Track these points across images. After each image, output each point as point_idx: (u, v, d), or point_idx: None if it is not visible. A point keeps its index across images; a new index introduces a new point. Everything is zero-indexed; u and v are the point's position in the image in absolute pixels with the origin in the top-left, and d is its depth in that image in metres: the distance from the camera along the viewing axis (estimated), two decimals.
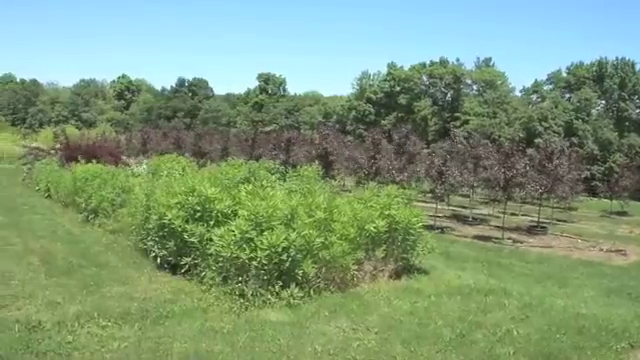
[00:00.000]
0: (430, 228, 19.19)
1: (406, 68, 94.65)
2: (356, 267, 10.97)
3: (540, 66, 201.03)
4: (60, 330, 8.21)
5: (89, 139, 32.42)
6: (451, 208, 29.53)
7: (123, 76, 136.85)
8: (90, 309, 9.12)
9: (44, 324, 8.40)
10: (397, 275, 11.91)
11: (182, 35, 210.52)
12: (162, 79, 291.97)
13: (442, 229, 22.79)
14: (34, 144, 46.48)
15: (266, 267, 9.70)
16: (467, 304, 10.27)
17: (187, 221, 11.19)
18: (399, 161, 27.84)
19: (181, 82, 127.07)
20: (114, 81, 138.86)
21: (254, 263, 9.66)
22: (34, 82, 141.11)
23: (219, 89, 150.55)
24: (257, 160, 24.32)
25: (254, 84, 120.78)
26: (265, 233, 9.78)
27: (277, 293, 9.74)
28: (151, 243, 12.16)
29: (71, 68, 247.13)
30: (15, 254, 13.12)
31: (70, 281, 10.90)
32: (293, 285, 9.86)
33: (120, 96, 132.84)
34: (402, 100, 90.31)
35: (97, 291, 10.28)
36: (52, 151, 33.35)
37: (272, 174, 15.61)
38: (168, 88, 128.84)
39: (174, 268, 11.59)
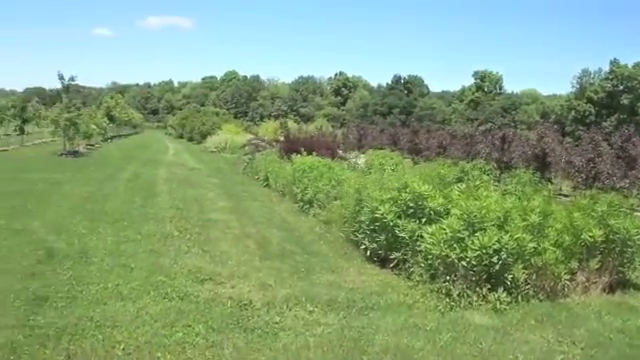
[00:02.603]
0: None
1: (630, 65, 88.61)
2: (568, 277, 10.48)
3: None
4: (269, 310, 8.63)
5: (307, 133, 33.55)
6: None
7: (340, 73, 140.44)
8: (299, 294, 9.48)
9: (255, 303, 8.89)
10: (611, 289, 11.15)
11: (398, 32, 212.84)
12: (378, 76, 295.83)
13: None
14: (259, 136, 48.72)
15: (475, 268, 9.52)
16: None
17: (399, 216, 11.23)
18: (619, 166, 26.22)
19: (396, 79, 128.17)
20: (331, 78, 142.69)
21: (463, 263, 9.52)
22: (256, 78, 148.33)
23: (434, 86, 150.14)
24: (472, 159, 24.01)
25: (469, 81, 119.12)
26: (477, 234, 9.60)
27: (484, 296, 9.52)
28: (362, 236, 12.30)
29: (290, 65, 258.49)
30: (233, 237, 13.85)
31: (282, 265, 11.37)
32: (501, 289, 9.60)
33: (337, 92, 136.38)
34: (625, 100, 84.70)
35: (307, 277, 10.66)
36: (273, 143, 34.81)
37: (486, 174, 15.35)
38: (384, 85, 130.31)
39: (383, 262, 11.69)
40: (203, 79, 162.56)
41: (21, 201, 16.84)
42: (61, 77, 37.85)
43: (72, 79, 38.59)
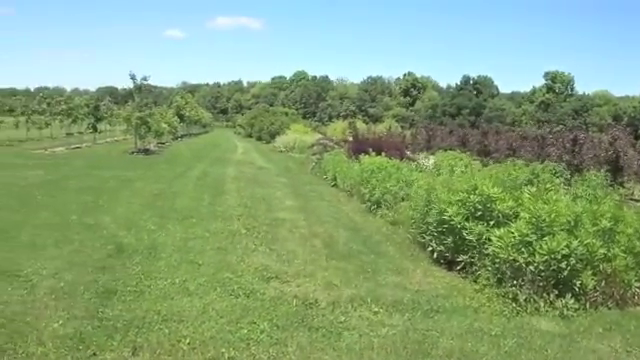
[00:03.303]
0: None
1: None
2: (638, 284, 10.17)
3: None
4: (334, 310, 8.63)
5: (375, 133, 33.47)
6: None
7: (409, 73, 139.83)
8: (364, 294, 9.44)
9: (320, 302, 8.90)
10: None
11: (467, 32, 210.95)
12: (447, 76, 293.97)
13: None
14: (327, 136, 48.83)
15: (543, 273, 9.34)
16: None
17: (467, 219, 11.07)
18: None
19: (466, 80, 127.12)
20: (399, 78, 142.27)
21: (531, 268, 9.34)
22: (325, 78, 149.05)
23: (504, 87, 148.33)
24: (543, 162, 23.58)
25: (540, 82, 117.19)
26: (545, 238, 9.42)
27: (551, 302, 9.30)
28: (429, 237, 12.19)
29: (359, 65, 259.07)
30: (300, 236, 13.85)
31: (348, 265, 11.33)
32: (569, 296, 9.39)
33: (406, 93, 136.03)
34: None
35: (373, 278, 10.59)
36: (342, 143, 34.85)
37: (557, 177, 15.06)
38: (453, 85, 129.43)
39: (449, 264, 11.56)
40: (272, 79, 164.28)
41: (93, 197, 17.31)
42: (133, 77, 38.82)
43: (145, 79, 39.51)
